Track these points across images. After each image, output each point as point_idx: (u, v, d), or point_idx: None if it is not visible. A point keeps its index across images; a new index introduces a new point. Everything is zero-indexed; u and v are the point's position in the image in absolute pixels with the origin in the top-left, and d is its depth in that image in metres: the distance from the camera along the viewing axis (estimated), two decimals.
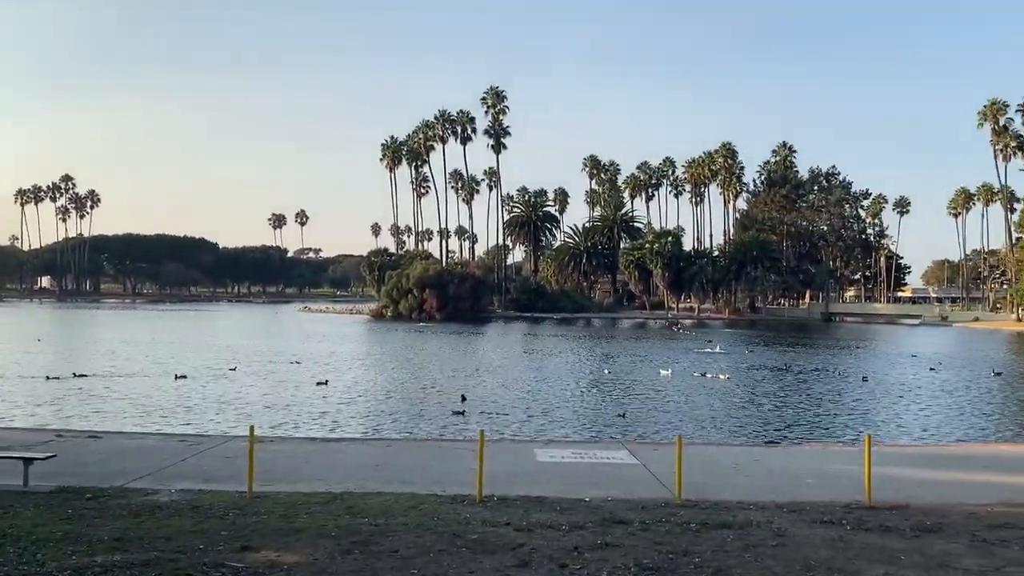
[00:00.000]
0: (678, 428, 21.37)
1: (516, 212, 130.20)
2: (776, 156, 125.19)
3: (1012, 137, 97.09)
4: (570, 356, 46.87)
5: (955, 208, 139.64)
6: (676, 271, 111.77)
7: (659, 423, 22.31)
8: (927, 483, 13.07)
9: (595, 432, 20.68)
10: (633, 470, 13.83)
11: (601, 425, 21.90)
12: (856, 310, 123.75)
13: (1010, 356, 53.31)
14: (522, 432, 20.36)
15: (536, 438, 18.15)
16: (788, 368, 39.74)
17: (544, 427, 21.45)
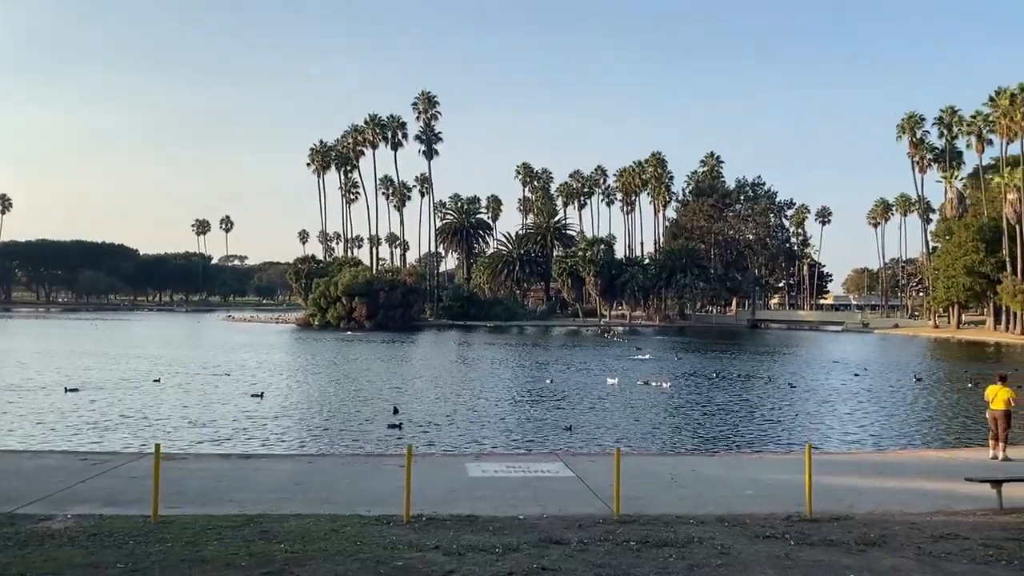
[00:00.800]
0: (617, 438, 21.01)
1: (448, 219, 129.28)
2: (704, 166, 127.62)
3: (928, 150, 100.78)
4: (506, 365, 46.26)
5: (874, 218, 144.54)
6: (608, 279, 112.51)
7: (599, 433, 21.82)
8: (865, 492, 12.88)
9: (538, 444, 20.09)
10: (569, 484, 13.30)
11: (543, 437, 21.31)
12: (781, 317, 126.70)
13: (929, 362, 54.87)
14: (459, 445, 19.63)
15: (467, 452, 17.47)
16: (721, 375, 39.92)
17: (483, 439, 20.74)
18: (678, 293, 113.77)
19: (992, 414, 15.70)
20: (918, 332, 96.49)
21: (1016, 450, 15.88)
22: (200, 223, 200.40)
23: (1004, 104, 77.64)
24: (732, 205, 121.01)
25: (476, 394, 31.30)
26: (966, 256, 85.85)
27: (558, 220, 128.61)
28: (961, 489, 13.04)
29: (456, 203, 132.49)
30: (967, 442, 21.05)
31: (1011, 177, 79.64)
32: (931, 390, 35.00)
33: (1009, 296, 78.51)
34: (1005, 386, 15.65)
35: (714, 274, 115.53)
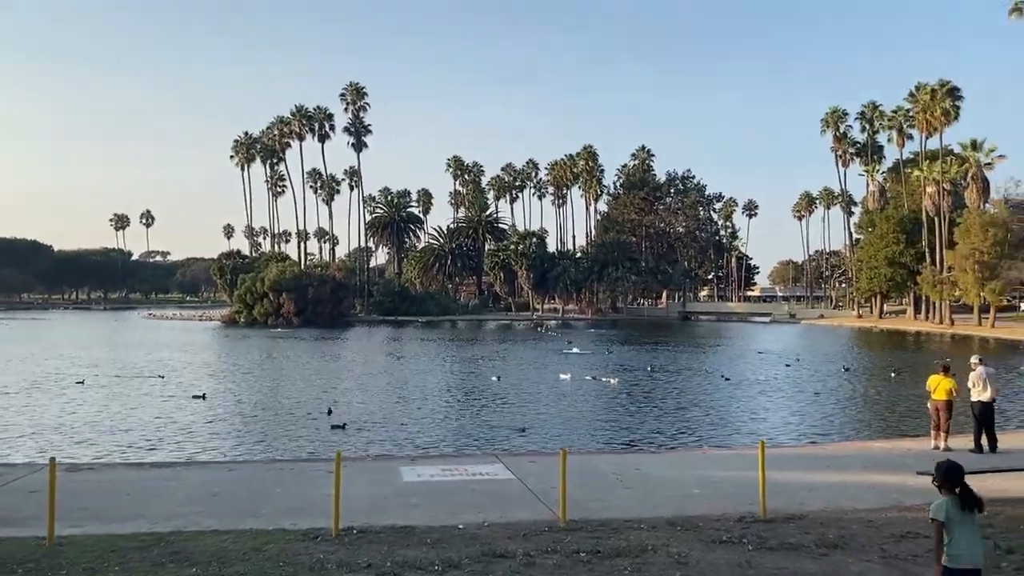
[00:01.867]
0: (560, 435, 20.40)
1: (379, 213, 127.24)
2: (635, 159, 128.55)
3: (851, 144, 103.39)
4: (444, 361, 45.30)
5: (799, 211, 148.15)
6: (541, 272, 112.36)
7: (543, 432, 21.12)
8: (815, 487, 12.51)
9: (481, 444, 19.30)
10: (510, 487, 12.57)
11: (484, 436, 20.53)
12: (711, 309, 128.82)
13: (855, 352, 56.05)
14: (393, 448, 18.66)
15: (401, 454, 16.55)
16: (658, 369, 39.81)
17: (420, 441, 19.82)
18: (610, 286, 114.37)
19: (934, 404, 15.58)
20: (842, 322, 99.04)
21: (956, 440, 15.79)
22: (119, 218, 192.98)
23: (924, 99, 79.95)
24: (663, 198, 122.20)
25: (413, 392, 30.34)
26: (888, 247, 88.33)
27: (490, 214, 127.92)
28: (910, 482, 12.80)
29: (386, 197, 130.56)
30: (904, 432, 21.12)
31: (930, 171, 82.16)
32: (860, 380, 35.50)
33: (929, 286, 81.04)
34: (947, 376, 15.54)
35: (645, 267, 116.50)
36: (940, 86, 79.26)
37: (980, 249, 70.85)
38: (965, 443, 15.73)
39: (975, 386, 15.50)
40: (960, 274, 73.70)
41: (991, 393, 15.41)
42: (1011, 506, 10.77)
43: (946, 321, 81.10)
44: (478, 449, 18.00)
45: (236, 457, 17.80)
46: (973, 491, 5.59)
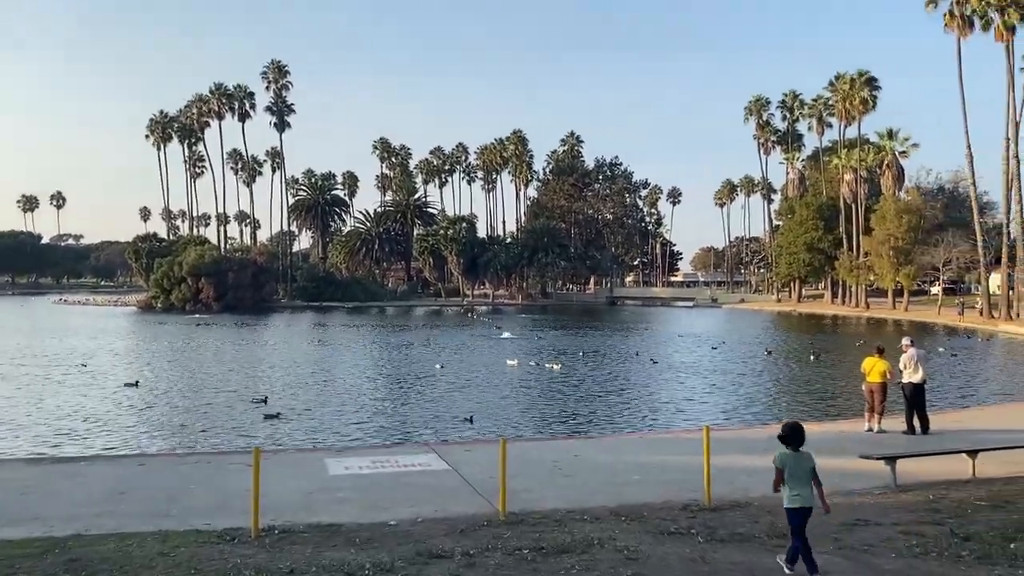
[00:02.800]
0: (498, 423, 19.84)
1: (302, 195, 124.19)
2: (564, 145, 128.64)
3: (772, 132, 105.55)
4: (375, 348, 44.21)
5: (720, 199, 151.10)
6: (471, 257, 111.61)
7: (480, 419, 20.48)
8: (755, 472, 12.18)
9: (414, 434, 18.57)
10: (444, 478, 11.93)
11: (416, 425, 19.82)
12: (637, 294, 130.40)
13: (776, 335, 57.13)
14: (320, 439, 17.75)
15: (327, 446, 15.69)
16: (589, 352, 39.65)
17: (349, 431, 18.98)
18: (540, 272, 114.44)
19: (868, 386, 15.57)
20: (762, 306, 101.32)
21: (889, 421, 15.83)
22: (27, 199, 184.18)
23: (843, 89, 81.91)
24: (591, 184, 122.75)
25: (348, 381, 29.28)
26: (806, 233, 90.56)
27: (418, 198, 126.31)
28: (849, 465, 12.64)
29: (310, 179, 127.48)
30: (829, 413, 21.29)
31: (848, 159, 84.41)
32: (783, 363, 35.97)
33: (846, 271, 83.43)
34: (882, 358, 15.54)
35: (574, 252, 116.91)
36: (859, 75, 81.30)
37: (895, 235, 73.14)
38: (898, 424, 15.79)
39: (906, 368, 15.54)
40: (876, 259, 76.00)
41: (922, 375, 15.47)
42: (954, 489, 10.68)
43: (862, 305, 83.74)
44: (414, 439, 17.30)
45: (149, 449, 16.67)
46: (801, 441, 6.86)
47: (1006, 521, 8.24)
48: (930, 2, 57.81)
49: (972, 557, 6.93)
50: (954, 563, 6.88)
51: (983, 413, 18.54)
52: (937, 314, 69.01)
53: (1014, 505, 9.21)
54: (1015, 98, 54.88)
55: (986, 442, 13.76)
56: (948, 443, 13.70)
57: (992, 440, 13.89)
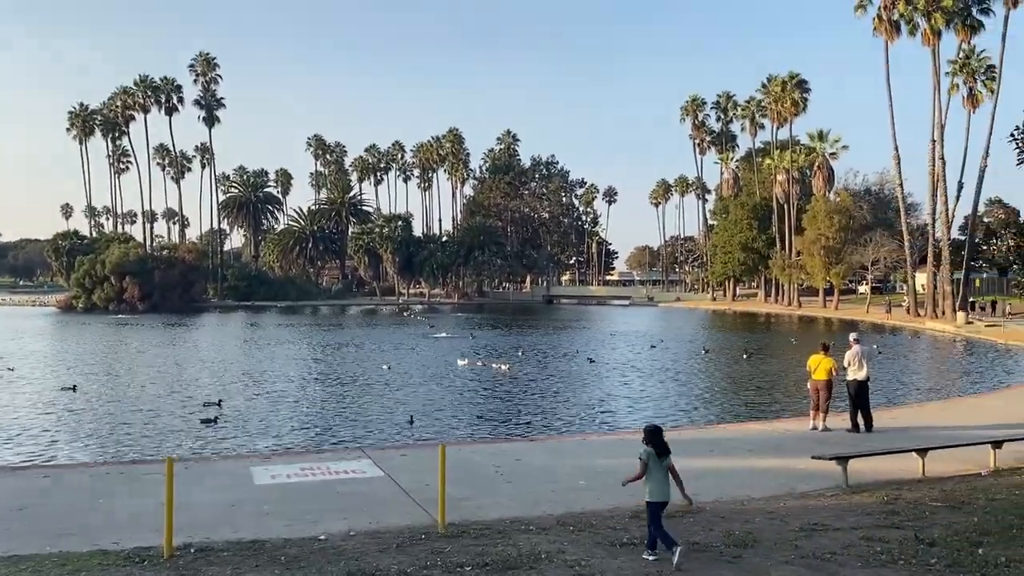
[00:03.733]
0: (435, 426, 19.13)
1: (234, 193, 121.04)
2: (501, 144, 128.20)
3: (707, 132, 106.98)
4: (312, 348, 42.85)
5: (656, 198, 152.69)
6: (406, 256, 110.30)
7: (420, 421, 19.76)
8: (703, 475, 11.80)
9: (346, 438, 17.71)
10: (379, 486, 11.20)
11: (370, 430, 18.95)
12: (573, 293, 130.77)
13: (713, 333, 57.57)
14: (246, 445, 16.77)
15: (253, 453, 14.73)
16: (529, 351, 39.16)
17: (280, 436, 18.04)
18: (476, 270, 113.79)
19: (814, 384, 15.37)
20: (698, 305, 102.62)
21: (832, 419, 15.66)
22: None
23: (775, 91, 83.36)
24: (528, 183, 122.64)
25: (276, 382, 28.12)
26: (741, 233, 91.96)
27: (353, 195, 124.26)
28: (799, 466, 12.37)
29: (242, 176, 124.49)
30: (770, 412, 21.19)
31: (780, 159, 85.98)
32: (721, 362, 36.05)
33: (779, 270, 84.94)
34: (827, 356, 15.36)
35: (511, 251, 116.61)
36: (790, 78, 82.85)
37: (826, 235, 74.70)
38: (842, 422, 15.65)
39: (851, 364, 15.40)
40: (808, 258, 77.51)
41: (867, 372, 15.35)
42: (907, 489, 10.42)
43: (794, 303, 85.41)
44: (349, 443, 16.44)
45: (64, 459, 15.46)
46: (667, 445, 7.63)
47: (967, 524, 7.93)
48: (859, 7, 59.06)
49: (942, 564, 6.56)
50: (924, 572, 6.50)
51: (922, 410, 18.60)
52: (866, 312, 70.68)
53: (970, 506, 8.95)
54: (941, 101, 56.48)
55: (930, 440, 13.65)
56: (894, 441, 13.56)
57: (935, 438, 13.79)
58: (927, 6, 53.96)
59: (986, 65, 56.45)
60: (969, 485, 10.41)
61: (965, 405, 19.43)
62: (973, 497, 9.46)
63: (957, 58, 57.43)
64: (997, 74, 55.42)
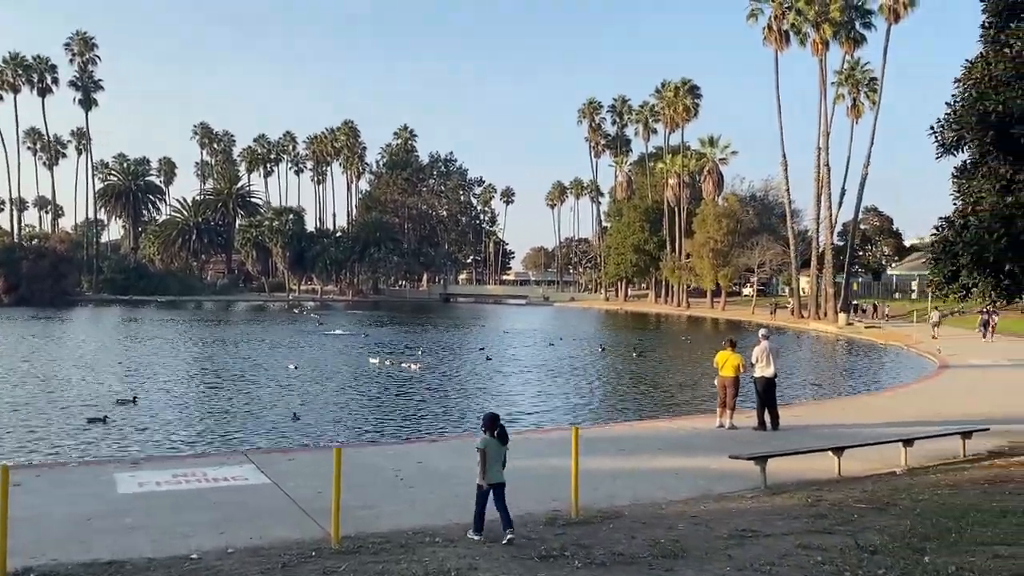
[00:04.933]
0: (330, 427, 17.91)
1: (112, 181, 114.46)
2: (398, 139, 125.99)
3: (603, 136, 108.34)
4: (194, 345, 40.38)
5: (552, 200, 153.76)
6: (298, 251, 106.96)
7: (316, 422, 18.46)
8: (616, 476, 11.23)
9: (253, 438, 16.25)
10: (264, 495, 10.02)
11: (237, 430, 17.48)
12: (471, 291, 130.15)
13: (607, 332, 57.93)
14: (113, 449, 15.12)
15: (118, 458, 13.14)
16: (440, 349, 38.07)
17: (157, 440, 16.43)
18: (372, 267, 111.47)
19: (721, 381, 15.03)
20: (591, 305, 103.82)
21: (738, 416, 15.38)
22: None
23: (669, 96, 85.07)
24: (426, 180, 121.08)
25: (152, 381, 26.09)
26: (634, 235, 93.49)
27: (242, 187, 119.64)
28: (712, 465, 11.92)
29: (122, 163, 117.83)
30: (670, 409, 20.97)
31: (672, 164, 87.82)
32: (618, 360, 35.97)
33: (669, 271, 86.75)
34: (734, 352, 15.04)
35: (408, 248, 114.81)
36: (683, 84, 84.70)
37: (715, 238, 76.64)
38: (748, 420, 15.40)
39: (759, 361, 15.15)
40: (697, 260, 79.37)
41: (774, 369, 15.15)
42: (827, 489, 10.06)
43: (683, 304, 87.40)
44: (231, 446, 15.02)
45: None
46: (506, 431, 8.12)
47: (900, 528, 7.52)
48: (751, 16, 60.73)
49: (892, 575, 6.03)
50: None
51: (822, 408, 18.71)
52: (751, 313, 72.89)
53: (896, 507, 8.60)
54: (827, 109, 58.69)
55: (836, 438, 13.48)
56: (801, 440, 13.34)
57: (843, 436, 13.65)
58: (816, 17, 55.92)
59: (869, 77, 59.06)
60: (888, 485, 10.15)
61: (860, 403, 19.68)
62: (896, 498, 9.14)
63: (842, 69, 59.83)
64: (879, 86, 58.03)
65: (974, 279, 10.38)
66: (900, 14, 54.48)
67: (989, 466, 11.33)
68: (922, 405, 18.67)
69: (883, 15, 55.64)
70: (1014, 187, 8.84)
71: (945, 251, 9.46)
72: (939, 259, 10.73)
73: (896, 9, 54.38)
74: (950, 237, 9.33)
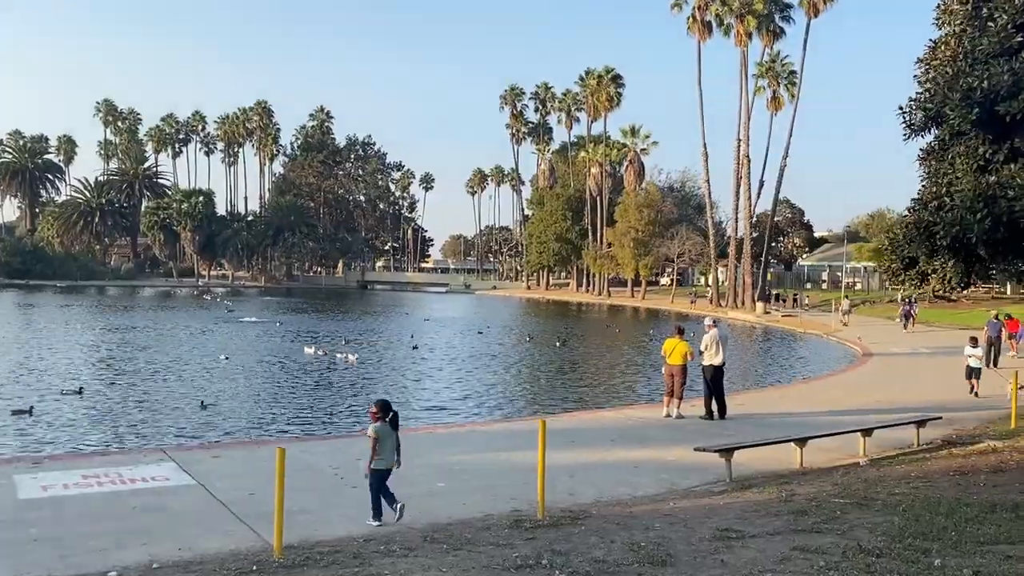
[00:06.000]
0: (251, 421, 16.73)
1: (7, 159, 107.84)
2: (313, 120, 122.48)
3: (525, 123, 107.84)
4: (101, 333, 37.97)
5: (472, 187, 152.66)
6: (208, 235, 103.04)
7: (230, 414, 17.22)
8: (573, 470, 10.58)
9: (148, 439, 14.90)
10: (189, 497, 8.97)
11: (153, 427, 16.12)
12: (389, 279, 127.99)
13: (533, 321, 57.43)
14: (25, 447, 13.63)
15: (19, 457, 11.71)
16: (365, 337, 36.76)
17: (74, 433, 14.96)
18: (286, 252, 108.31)
19: (669, 369, 14.59)
20: (513, 293, 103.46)
21: (685, 405, 14.99)
22: None
23: (592, 84, 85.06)
24: (342, 163, 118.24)
25: (56, 371, 24.16)
26: (556, 224, 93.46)
27: (148, 167, 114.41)
28: (668, 457, 11.44)
29: (17, 141, 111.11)
30: (610, 398, 20.55)
31: (594, 153, 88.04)
32: (549, 348, 35.47)
33: (591, 260, 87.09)
34: (682, 340, 14.61)
35: (324, 233, 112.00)
36: (606, 72, 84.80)
37: (636, 227, 77.18)
38: (693, 409, 15.02)
39: (708, 349, 14.79)
40: (619, 250, 79.81)
41: (723, 357, 14.80)
42: (795, 482, 9.64)
43: (604, 293, 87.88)
44: (147, 443, 13.70)
45: None
46: (397, 418, 8.32)
47: (893, 527, 7.08)
48: (675, 5, 61.06)
49: None
50: None
51: (763, 397, 18.54)
52: (671, 302, 73.80)
53: (876, 502, 8.21)
54: (748, 100, 59.56)
55: (787, 427, 13.27)
56: (751, 429, 13.03)
57: (795, 424, 13.42)
58: (740, 8, 56.57)
59: (788, 70, 60.19)
60: (857, 477, 9.81)
61: (797, 391, 19.63)
62: (871, 492, 8.76)
63: (763, 62, 60.82)
64: (798, 80, 59.23)
65: (936, 264, 10.11)
66: (819, 8, 55.65)
67: (948, 455, 11.16)
68: (859, 393, 18.71)
69: (803, 8, 56.70)
70: (992, 166, 8.57)
71: (921, 232, 9.11)
72: (899, 245, 10.43)
73: (815, 3, 55.53)
74: (926, 218, 8.98)
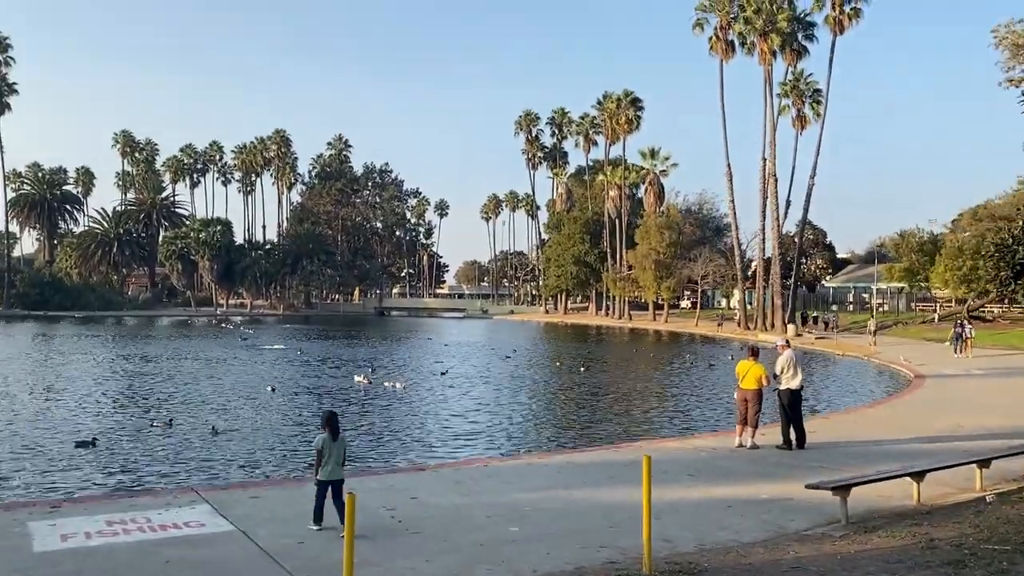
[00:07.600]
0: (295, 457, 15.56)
1: (26, 191, 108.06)
2: (331, 149, 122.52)
3: (540, 148, 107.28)
4: (121, 363, 37.03)
5: (486, 213, 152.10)
6: (226, 264, 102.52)
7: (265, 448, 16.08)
8: (659, 512, 9.25)
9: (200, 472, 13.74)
10: (229, 547, 7.76)
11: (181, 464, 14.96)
12: (406, 305, 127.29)
13: (553, 345, 56.00)
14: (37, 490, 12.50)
15: (37, 501, 10.50)
16: (396, 365, 35.61)
17: (98, 473, 13.84)
18: (304, 280, 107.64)
19: (742, 394, 13.31)
20: (531, 317, 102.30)
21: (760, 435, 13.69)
22: None
23: (610, 108, 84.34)
24: (360, 191, 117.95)
25: (77, 400, 23.13)
26: (574, 247, 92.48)
27: (166, 197, 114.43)
28: (761, 495, 10.16)
29: (36, 172, 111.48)
30: (676, 427, 19.25)
31: (613, 176, 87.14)
32: (583, 374, 34.13)
33: (612, 283, 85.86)
34: (757, 362, 13.35)
35: (341, 260, 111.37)
36: (624, 95, 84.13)
37: (657, 249, 76.02)
38: (763, 438, 13.74)
39: (784, 371, 13.51)
40: (640, 272, 78.59)
41: (800, 380, 13.53)
42: (926, 523, 8.32)
43: (624, 316, 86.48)
44: (176, 482, 12.48)
45: None
46: (338, 429, 8.33)
47: None
48: (697, 25, 60.28)
49: None
50: None
51: (830, 423, 17.17)
52: (695, 325, 72.24)
53: None
54: (773, 118, 58.37)
55: (875, 456, 11.98)
56: (839, 459, 11.72)
57: (879, 454, 12.15)
58: (764, 26, 55.65)
59: (813, 89, 59.12)
60: (994, 516, 8.50)
61: (864, 416, 18.25)
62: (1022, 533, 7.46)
63: (786, 80, 59.73)
64: (824, 98, 58.11)
65: None
66: (845, 25, 54.68)
67: None
68: (931, 417, 17.37)
69: (828, 25, 55.77)
70: None
71: None
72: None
73: (841, 20, 54.58)
74: None
